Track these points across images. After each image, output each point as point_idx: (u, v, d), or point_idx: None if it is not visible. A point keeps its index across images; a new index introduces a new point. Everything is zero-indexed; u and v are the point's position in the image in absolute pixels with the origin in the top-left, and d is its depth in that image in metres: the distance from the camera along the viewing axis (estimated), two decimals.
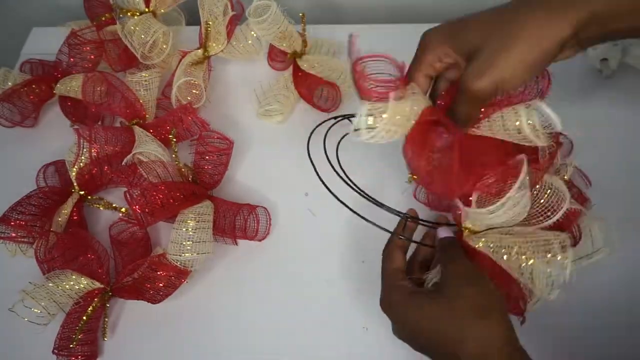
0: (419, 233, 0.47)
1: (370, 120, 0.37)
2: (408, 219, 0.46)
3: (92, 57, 0.66)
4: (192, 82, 0.62)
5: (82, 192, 0.57)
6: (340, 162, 0.49)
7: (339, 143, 0.50)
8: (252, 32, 0.65)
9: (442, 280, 0.40)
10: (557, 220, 0.40)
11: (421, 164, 0.42)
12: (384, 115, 0.37)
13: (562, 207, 0.40)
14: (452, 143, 0.41)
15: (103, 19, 0.65)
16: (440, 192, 0.46)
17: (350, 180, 0.47)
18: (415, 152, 0.41)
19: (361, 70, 0.40)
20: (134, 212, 0.49)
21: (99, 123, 0.64)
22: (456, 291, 0.38)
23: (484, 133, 0.40)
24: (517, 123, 0.38)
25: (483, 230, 0.41)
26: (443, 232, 0.44)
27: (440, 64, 0.41)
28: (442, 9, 0.78)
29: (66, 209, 0.56)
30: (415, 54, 0.42)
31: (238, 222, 0.54)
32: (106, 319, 0.51)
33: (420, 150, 0.41)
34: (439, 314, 0.38)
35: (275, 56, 0.66)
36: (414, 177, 0.44)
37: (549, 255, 0.37)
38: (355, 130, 0.38)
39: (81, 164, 0.57)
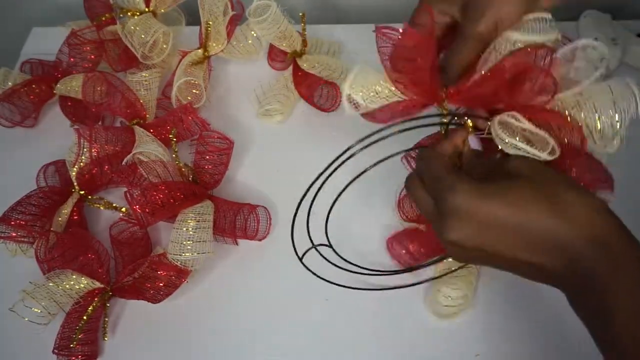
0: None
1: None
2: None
3: (92, 57, 0.66)
4: (192, 82, 0.62)
5: (82, 192, 0.57)
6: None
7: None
8: (252, 32, 0.65)
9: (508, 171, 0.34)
10: None
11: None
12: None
13: None
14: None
15: (103, 19, 0.65)
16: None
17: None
18: None
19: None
20: (134, 212, 0.49)
21: (99, 123, 0.64)
22: (532, 174, 0.33)
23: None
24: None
25: None
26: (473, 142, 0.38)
27: (438, 24, 0.41)
28: None
29: (66, 209, 0.56)
30: (415, 10, 0.42)
31: (238, 221, 0.54)
32: (106, 319, 0.51)
33: None
34: (532, 202, 0.31)
35: (275, 56, 0.66)
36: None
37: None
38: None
39: (81, 163, 0.57)
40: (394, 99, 0.41)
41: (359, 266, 0.50)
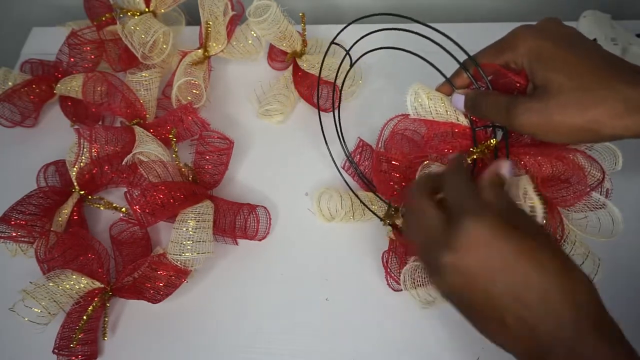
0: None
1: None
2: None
3: (92, 57, 0.66)
4: (193, 82, 0.62)
5: (82, 192, 0.57)
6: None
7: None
8: (252, 32, 0.65)
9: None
10: None
11: None
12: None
13: None
14: None
15: (103, 19, 0.65)
16: None
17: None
18: None
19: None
20: (134, 212, 0.49)
21: (99, 123, 0.64)
22: None
23: None
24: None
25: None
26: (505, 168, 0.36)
27: (510, 65, 0.41)
28: (442, 8, 0.79)
29: (66, 209, 0.56)
30: (500, 44, 0.42)
31: (238, 221, 0.54)
32: (106, 319, 0.51)
33: None
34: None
35: (275, 56, 0.66)
36: None
37: None
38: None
39: (81, 163, 0.57)
40: (447, 119, 0.46)
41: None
